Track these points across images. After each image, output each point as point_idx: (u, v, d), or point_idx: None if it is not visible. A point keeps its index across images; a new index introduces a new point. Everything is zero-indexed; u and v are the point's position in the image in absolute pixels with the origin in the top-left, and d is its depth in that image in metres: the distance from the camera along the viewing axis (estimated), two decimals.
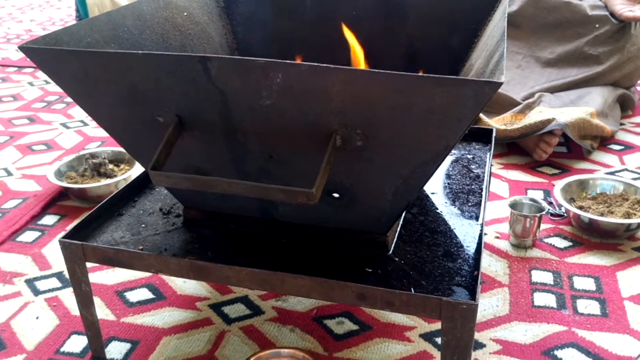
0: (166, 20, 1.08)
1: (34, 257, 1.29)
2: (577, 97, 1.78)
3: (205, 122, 0.79)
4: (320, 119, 0.74)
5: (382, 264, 0.88)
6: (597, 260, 1.25)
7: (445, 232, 0.96)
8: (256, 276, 0.84)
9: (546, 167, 1.65)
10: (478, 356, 1.01)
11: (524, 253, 1.27)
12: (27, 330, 1.08)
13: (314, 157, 0.77)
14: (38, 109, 2.13)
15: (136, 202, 1.06)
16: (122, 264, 0.91)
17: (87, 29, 0.91)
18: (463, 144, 1.25)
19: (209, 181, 0.74)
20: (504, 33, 0.84)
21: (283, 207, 0.90)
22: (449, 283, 0.84)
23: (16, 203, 1.49)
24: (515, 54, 1.93)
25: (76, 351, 1.03)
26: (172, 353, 1.02)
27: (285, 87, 0.72)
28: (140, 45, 1.00)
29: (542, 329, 1.06)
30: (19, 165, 1.71)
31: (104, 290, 1.18)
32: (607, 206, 1.36)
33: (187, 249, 0.92)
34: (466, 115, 0.68)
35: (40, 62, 0.81)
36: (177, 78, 0.75)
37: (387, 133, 0.73)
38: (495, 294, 1.15)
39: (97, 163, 1.54)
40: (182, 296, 1.15)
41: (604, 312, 1.10)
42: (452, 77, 0.65)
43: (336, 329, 1.07)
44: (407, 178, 0.79)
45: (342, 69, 0.68)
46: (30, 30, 3.22)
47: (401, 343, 1.04)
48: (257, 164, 0.84)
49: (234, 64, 0.72)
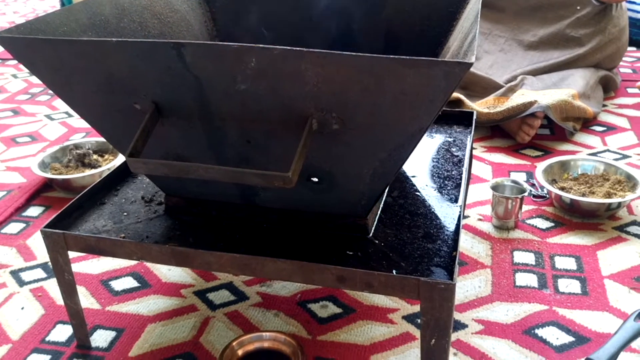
0: (144, 8, 1.08)
1: (18, 248, 1.29)
2: (559, 79, 1.79)
3: (182, 108, 0.80)
4: (295, 103, 0.74)
5: (362, 246, 0.89)
6: (578, 240, 1.26)
7: (425, 214, 0.96)
8: (237, 261, 0.85)
9: (529, 149, 1.67)
10: (460, 337, 1.02)
11: (506, 234, 1.29)
12: (12, 320, 1.09)
13: (292, 142, 0.77)
14: (22, 101, 2.12)
15: (118, 190, 1.06)
16: (104, 252, 0.92)
17: (64, 17, 0.91)
18: (444, 127, 1.26)
19: (185, 167, 0.75)
20: (477, 15, 0.84)
21: (264, 192, 0.91)
22: (428, 264, 0.85)
23: (0, 195, 1.49)
24: (497, 37, 1.94)
25: (61, 340, 1.04)
26: (157, 340, 1.03)
27: (260, 72, 0.72)
28: (118, 34, 0.99)
29: (524, 309, 1.08)
30: (3, 157, 1.70)
31: (89, 280, 1.18)
32: (588, 187, 1.38)
33: (168, 235, 0.93)
34: (438, 96, 0.69)
35: (15, 51, 0.81)
36: (153, 65, 0.75)
37: (362, 116, 0.74)
38: (478, 275, 1.16)
39: (81, 154, 1.54)
40: (166, 284, 1.16)
41: (584, 290, 1.12)
42: (423, 59, 0.65)
43: (320, 312, 1.08)
44: (384, 160, 0.80)
45: (315, 52, 0.68)
46: (14, 23, 3.20)
47: (384, 325, 1.05)
48: (236, 149, 0.84)
49: (208, 49, 0.72)
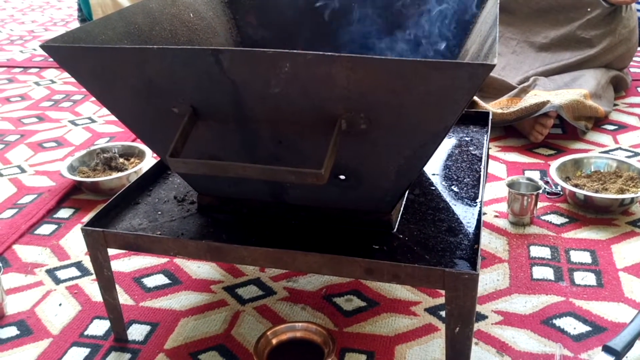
0: (174, 16, 1.13)
1: (52, 248, 1.34)
2: (571, 80, 1.83)
3: (218, 111, 0.85)
4: (326, 105, 0.79)
5: (387, 241, 0.93)
6: (593, 235, 1.30)
7: (446, 210, 1.01)
8: (270, 255, 0.90)
9: (542, 148, 1.71)
10: (481, 327, 1.06)
11: (522, 230, 1.33)
12: (51, 316, 1.14)
13: (321, 141, 0.82)
14: (46, 108, 2.18)
15: (151, 191, 1.11)
16: (141, 248, 0.97)
17: (102, 26, 0.96)
18: (461, 127, 1.30)
19: (224, 166, 0.80)
20: (496, 18, 0.89)
21: (293, 190, 0.95)
22: (451, 256, 0.89)
23: (31, 198, 1.54)
24: (509, 39, 1.98)
25: (99, 334, 1.09)
26: (191, 333, 1.07)
27: (293, 76, 0.77)
28: (151, 41, 1.05)
29: (541, 300, 1.12)
30: (32, 162, 1.76)
31: (121, 278, 1.23)
32: (601, 183, 1.42)
33: (202, 232, 0.97)
34: (462, 96, 0.73)
35: (60, 59, 0.86)
36: (191, 70, 0.80)
37: (389, 116, 0.78)
38: (496, 269, 1.21)
39: (108, 157, 1.59)
40: (197, 280, 1.21)
41: (599, 282, 1.16)
42: (448, 61, 0.70)
43: (345, 305, 1.12)
44: (408, 158, 0.84)
45: (346, 57, 0.73)
46: (33, 32, 3.27)
47: (407, 317, 1.09)
48: (267, 149, 0.89)
49: (245, 55, 0.77)
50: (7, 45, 3.02)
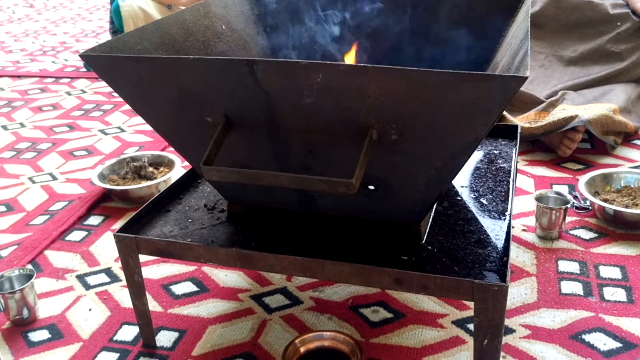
0: (207, 28, 1.15)
1: (82, 254, 1.37)
2: (600, 94, 1.82)
3: (250, 121, 0.86)
4: (357, 115, 0.80)
5: (416, 251, 0.93)
6: (623, 250, 1.29)
7: (474, 222, 1.01)
8: (299, 263, 0.91)
9: (570, 162, 1.69)
10: (509, 341, 1.06)
11: (550, 244, 1.32)
12: (81, 321, 1.16)
13: (351, 151, 0.82)
14: (77, 117, 2.22)
15: (181, 199, 1.12)
16: (173, 255, 0.98)
17: (138, 37, 0.98)
18: (490, 140, 1.30)
19: (256, 174, 0.81)
20: (528, 32, 0.89)
21: (321, 199, 0.96)
22: (480, 268, 0.89)
23: (62, 205, 1.57)
24: (538, 53, 1.97)
25: (128, 340, 1.10)
26: (218, 340, 1.08)
27: (325, 86, 0.78)
28: (185, 52, 1.07)
29: (570, 315, 1.11)
30: (63, 170, 1.79)
31: (150, 285, 1.25)
32: (631, 199, 1.40)
33: (232, 240, 0.99)
34: (494, 108, 0.74)
35: (98, 68, 0.89)
36: (225, 80, 0.82)
37: (421, 127, 0.79)
38: (524, 282, 1.20)
39: (138, 166, 1.62)
40: (224, 288, 1.22)
41: (630, 298, 1.14)
42: (481, 73, 0.70)
43: (372, 316, 1.12)
44: (439, 169, 0.85)
45: (378, 68, 0.74)
46: (65, 43, 3.34)
47: (434, 329, 1.09)
48: (298, 159, 0.90)
49: (278, 66, 0.78)
50: (39, 56, 3.08)
